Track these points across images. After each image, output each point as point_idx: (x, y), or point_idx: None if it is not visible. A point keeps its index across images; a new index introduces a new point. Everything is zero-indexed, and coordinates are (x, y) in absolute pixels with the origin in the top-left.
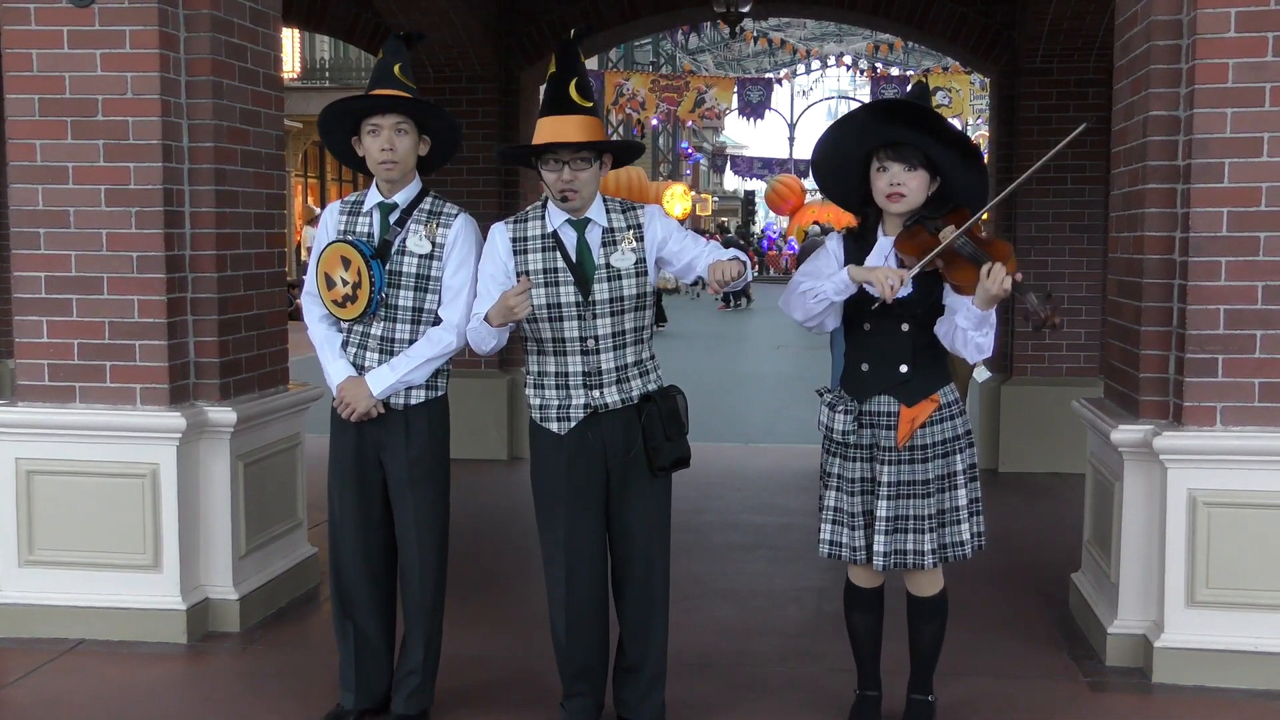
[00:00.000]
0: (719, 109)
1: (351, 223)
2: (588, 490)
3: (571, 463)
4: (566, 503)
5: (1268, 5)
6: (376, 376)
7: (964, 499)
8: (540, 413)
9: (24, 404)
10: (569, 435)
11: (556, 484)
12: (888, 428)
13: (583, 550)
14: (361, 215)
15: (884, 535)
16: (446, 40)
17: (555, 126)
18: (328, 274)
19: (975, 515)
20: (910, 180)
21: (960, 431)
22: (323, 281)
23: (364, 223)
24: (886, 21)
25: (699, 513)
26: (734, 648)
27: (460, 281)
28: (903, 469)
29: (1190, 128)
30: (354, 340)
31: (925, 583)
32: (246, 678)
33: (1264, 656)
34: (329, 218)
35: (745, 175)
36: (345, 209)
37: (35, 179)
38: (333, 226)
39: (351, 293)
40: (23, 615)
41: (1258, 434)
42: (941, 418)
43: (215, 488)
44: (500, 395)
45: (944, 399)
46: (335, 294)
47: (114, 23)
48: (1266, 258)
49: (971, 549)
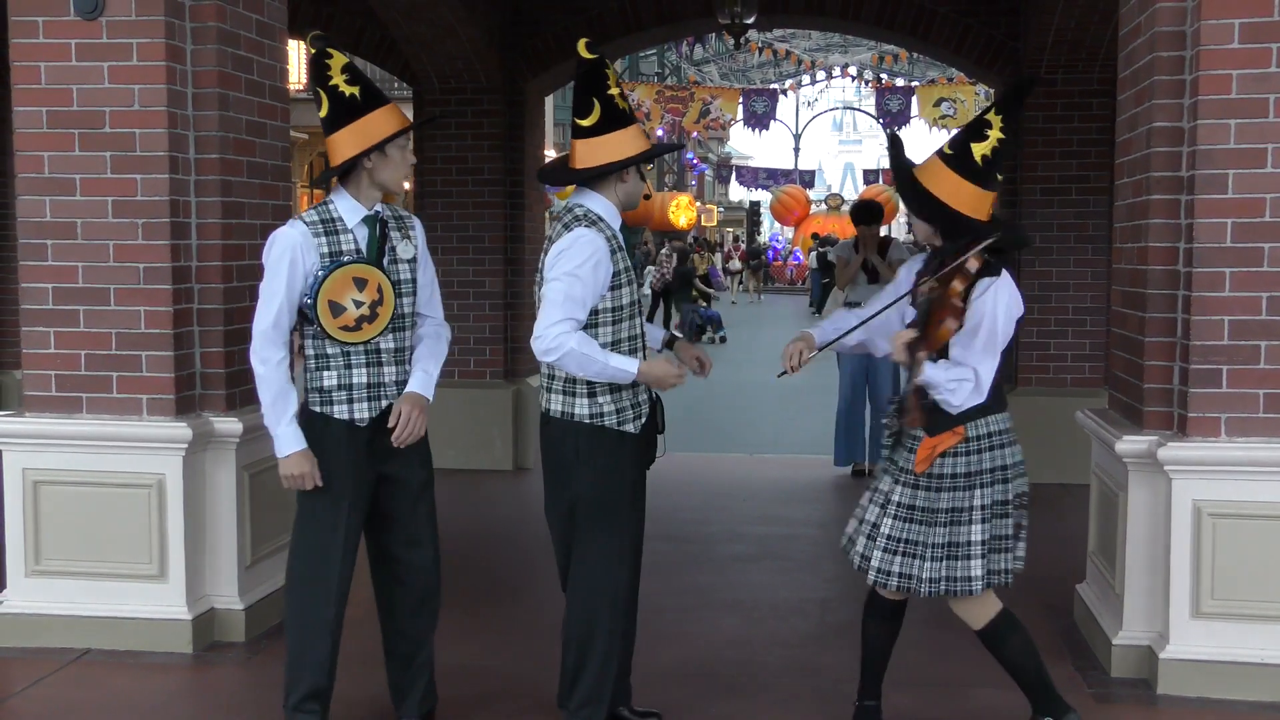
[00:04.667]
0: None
1: (333, 242)
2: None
3: (638, 461)
4: (633, 503)
5: (1271, 17)
6: (425, 383)
7: (978, 535)
8: (617, 416)
9: (31, 414)
10: (641, 433)
11: (627, 487)
12: (910, 450)
13: (639, 549)
14: (342, 233)
15: (880, 552)
16: (451, 51)
17: (639, 137)
18: (334, 301)
19: (998, 553)
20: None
21: (987, 466)
22: (326, 310)
23: (347, 240)
24: (891, 33)
25: (703, 523)
26: (738, 658)
27: (431, 278)
28: (917, 494)
29: (1194, 139)
30: (358, 361)
31: (962, 614)
32: (252, 687)
33: (1269, 668)
34: (300, 245)
35: (750, 186)
36: (318, 230)
37: (43, 190)
38: (311, 252)
39: (369, 312)
40: (29, 625)
41: (1262, 445)
42: (968, 450)
43: (221, 498)
44: (505, 406)
45: (972, 432)
46: (346, 319)
47: (121, 35)
48: (1270, 269)
49: (982, 585)
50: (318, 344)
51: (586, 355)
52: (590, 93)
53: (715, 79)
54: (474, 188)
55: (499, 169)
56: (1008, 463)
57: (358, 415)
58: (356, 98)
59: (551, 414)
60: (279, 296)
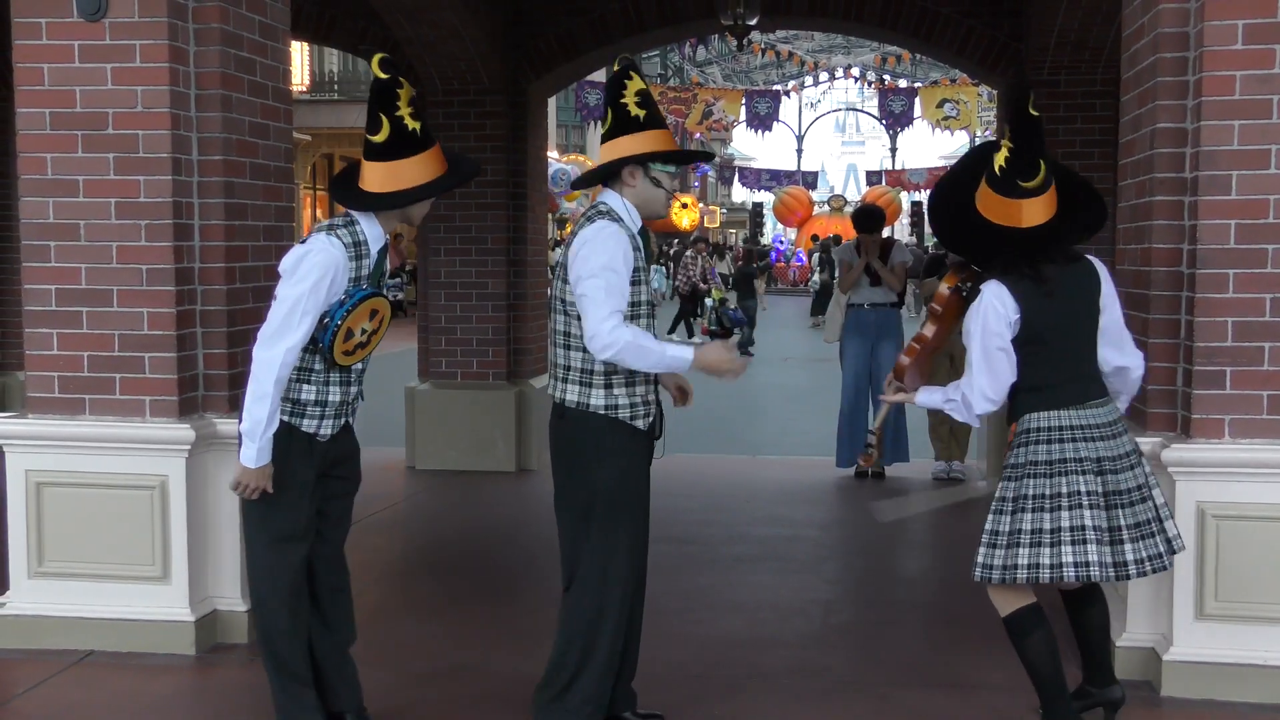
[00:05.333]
0: (727, 121)
1: (360, 267)
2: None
3: (648, 457)
4: (642, 501)
5: (1275, 18)
6: None
7: (990, 525)
8: (630, 410)
9: (34, 416)
10: (649, 428)
11: (640, 484)
12: None
13: (644, 549)
14: (366, 259)
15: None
16: (454, 53)
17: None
18: (350, 328)
19: (1037, 547)
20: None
21: (1020, 460)
22: (342, 336)
23: (367, 265)
24: (894, 34)
25: (706, 524)
26: (741, 659)
27: None
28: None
29: (1197, 140)
30: (335, 379)
31: (992, 598)
32: (255, 689)
33: (1273, 670)
34: (340, 268)
35: (753, 187)
36: (352, 254)
37: (46, 192)
38: (343, 275)
39: (365, 339)
40: (32, 626)
41: (1266, 446)
42: (1018, 444)
43: (224, 499)
44: (508, 407)
45: (1021, 427)
46: (349, 344)
47: (125, 37)
48: (1274, 270)
49: (997, 576)
50: (305, 357)
51: (643, 346)
52: (606, 102)
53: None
54: (476, 189)
55: (502, 170)
56: (1053, 458)
57: (323, 431)
58: (417, 134)
59: (567, 404)
60: (311, 315)
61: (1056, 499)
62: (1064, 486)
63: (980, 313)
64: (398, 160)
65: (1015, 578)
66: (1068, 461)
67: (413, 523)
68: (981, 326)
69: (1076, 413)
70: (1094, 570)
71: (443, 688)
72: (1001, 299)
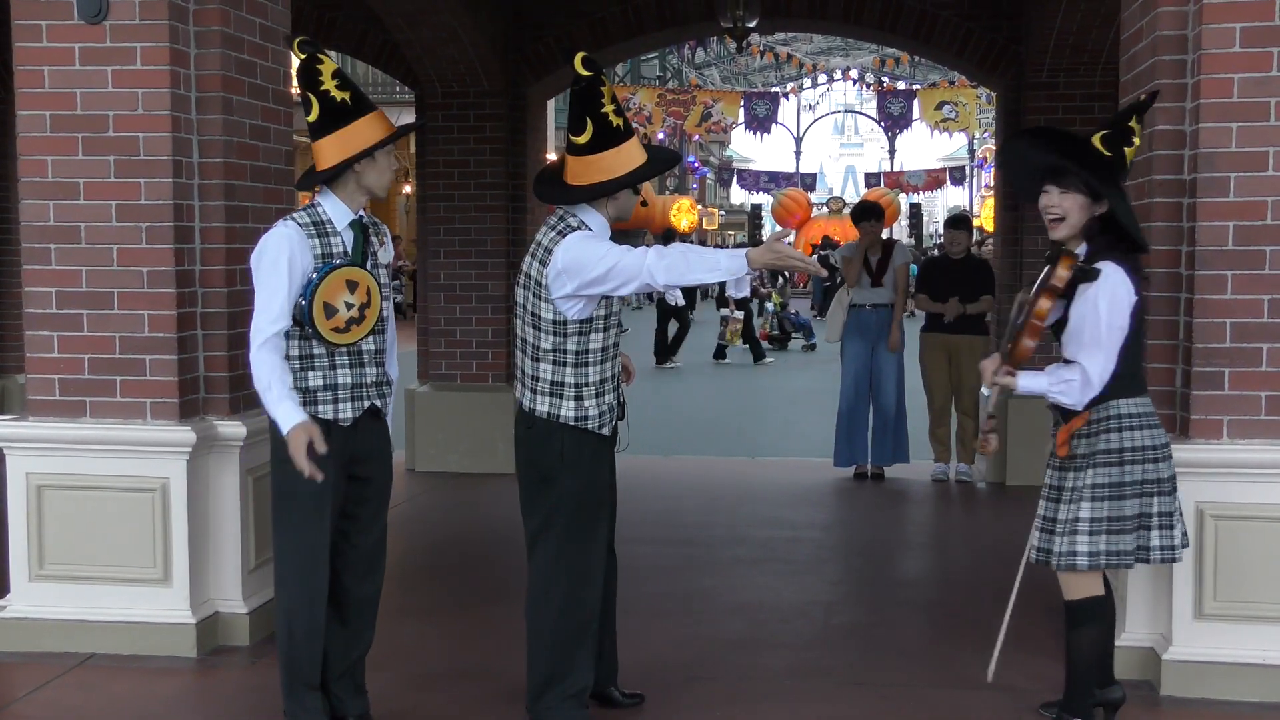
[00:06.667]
0: (725, 123)
1: (325, 245)
2: None
3: (612, 462)
4: (607, 506)
5: (1272, 21)
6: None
7: (1085, 513)
8: (599, 420)
9: (35, 419)
10: (611, 437)
11: (605, 490)
12: (1051, 436)
13: (611, 550)
14: (332, 236)
15: (1036, 531)
16: (454, 56)
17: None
18: (327, 303)
19: (1095, 534)
20: (1064, 202)
21: (1100, 448)
22: (321, 311)
23: (336, 242)
24: (893, 36)
25: (706, 526)
26: (743, 661)
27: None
28: (1055, 474)
29: (1196, 142)
30: (342, 362)
31: (1061, 581)
32: (256, 691)
33: (1272, 669)
34: (296, 245)
35: (752, 189)
36: (310, 233)
37: (46, 195)
38: (305, 252)
39: (359, 314)
40: (33, 629)
41: (1265, 447)
42: (1089, 432)
43: (225, 502)
44: (507, 409)
45: (1095, 415)
46: (337, 321)
47: (125, 40)
48: (1272, 271)
49: (1088, 563)
50: (304, 344)
51: (685, 261)
52: (584, 111)
53: (717, 82)
54: (476, 191)
55: (501, 173)
56: (1157, 443)
57: (342, 415)
58: (348, 103)
59: (537, 414)
60: (281, 292)
61: (1164, 482)
62: (1168, 470)
63: (1109, 293)
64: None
65: (1118, 563)
66: (1169, 446)
67: (413, 525)
68: (1110, 306)
69: (1140, 400)
70: (1179, 553)
71: (444, 690)
72: (1125, 283)
